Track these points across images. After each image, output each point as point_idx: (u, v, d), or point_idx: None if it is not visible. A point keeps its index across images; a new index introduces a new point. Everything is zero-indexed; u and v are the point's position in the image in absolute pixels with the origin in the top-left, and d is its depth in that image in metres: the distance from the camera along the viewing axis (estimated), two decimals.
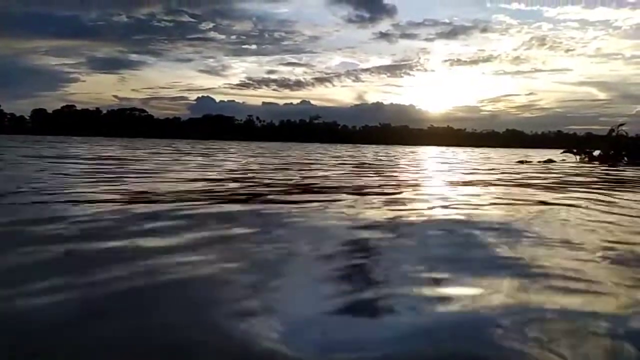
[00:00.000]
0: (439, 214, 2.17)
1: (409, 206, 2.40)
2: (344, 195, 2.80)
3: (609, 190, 3.53)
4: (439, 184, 3.99)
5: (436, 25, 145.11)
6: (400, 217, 2.03)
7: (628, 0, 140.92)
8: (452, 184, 3.96)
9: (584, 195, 3.12)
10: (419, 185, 3.70)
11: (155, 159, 6.76)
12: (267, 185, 3.42)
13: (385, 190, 3.17)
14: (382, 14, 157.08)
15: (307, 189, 3.25)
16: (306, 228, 1.77)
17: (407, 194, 3.04)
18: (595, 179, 4.71)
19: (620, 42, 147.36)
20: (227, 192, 2.87)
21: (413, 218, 2.02)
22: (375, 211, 2.18)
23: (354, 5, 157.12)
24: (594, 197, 2.96)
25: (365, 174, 4.73)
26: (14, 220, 1.76)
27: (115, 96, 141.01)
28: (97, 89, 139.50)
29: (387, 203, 2.49)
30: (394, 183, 3.83)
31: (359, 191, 3.08)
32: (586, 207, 2.45)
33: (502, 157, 13.08)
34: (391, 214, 2.09)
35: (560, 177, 4.99)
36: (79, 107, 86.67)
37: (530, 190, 3.41)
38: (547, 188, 3.63)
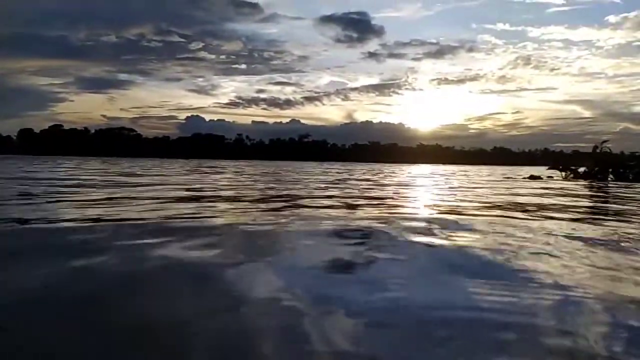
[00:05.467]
0: None
1: None
2: None
3: None
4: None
5: (423, 45, 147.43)
6: None
7: (610, 21, 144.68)
8: None
9: None
10: None
11: None
12: None
13: None
14: (370, 34, 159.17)
15: None
16: None
17: None
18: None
19: (603, 61, 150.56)
20: None
21: None
22: None
23: (342, 26, 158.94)
24: None
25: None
26: None
27: (103, 116, 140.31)
28: (85, 108, 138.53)
29: None
30: None
31: None
32: None
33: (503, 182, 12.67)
34: None
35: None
36: (66, 126, 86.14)
37: None
38: None
